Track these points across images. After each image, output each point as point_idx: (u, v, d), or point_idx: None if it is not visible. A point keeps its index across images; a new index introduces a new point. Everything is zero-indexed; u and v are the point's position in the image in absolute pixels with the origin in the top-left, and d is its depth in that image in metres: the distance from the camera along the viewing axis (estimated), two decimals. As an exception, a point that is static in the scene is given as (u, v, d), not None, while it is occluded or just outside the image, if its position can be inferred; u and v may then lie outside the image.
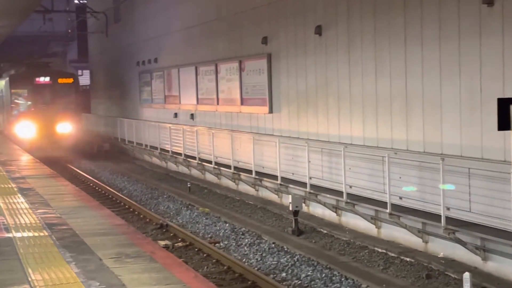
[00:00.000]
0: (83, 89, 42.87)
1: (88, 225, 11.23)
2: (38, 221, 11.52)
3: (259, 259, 14.15)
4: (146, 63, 31.54)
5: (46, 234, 10.48)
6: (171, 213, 19.52)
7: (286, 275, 12.94)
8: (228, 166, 21.35)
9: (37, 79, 32.34)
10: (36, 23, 41.18)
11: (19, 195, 14.51)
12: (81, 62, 48.08)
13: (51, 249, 9.44)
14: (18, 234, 10.51)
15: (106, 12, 35.00)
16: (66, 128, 32.13)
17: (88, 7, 37.53)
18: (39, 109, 32.08)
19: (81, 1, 42.96)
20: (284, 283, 12.36)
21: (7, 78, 33.50)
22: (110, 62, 38.94)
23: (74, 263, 8.63)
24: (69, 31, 44.02)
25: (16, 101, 32.86)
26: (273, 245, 15.04)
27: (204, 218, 18.29)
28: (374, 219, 14.96)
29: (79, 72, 48.86)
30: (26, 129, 31.55)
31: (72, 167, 30.10)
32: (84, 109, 37.14)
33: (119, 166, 30.89)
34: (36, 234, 10.51)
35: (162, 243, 15.40)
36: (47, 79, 32.53)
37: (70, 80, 33.08)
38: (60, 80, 32.67)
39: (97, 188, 24.46)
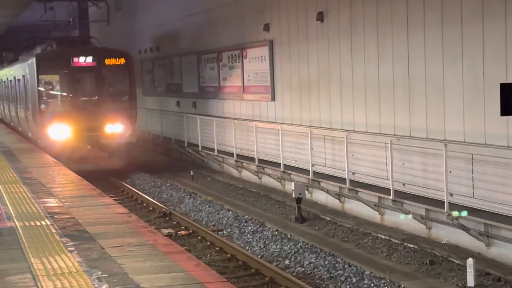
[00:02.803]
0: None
1: (90, 214, 11.21)
2: (40, 210, 11.51)
3: (262, 246, 14.15)
4: (148, 51, 31.46)
5: (48, 223, 10.46)
6: (174, 201, 19.51)
7: (290, 262, 12.94)
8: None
9: (75, 59, 23.08)
10: (38, 13, 41.09)
11: (21, 184, 14.50)
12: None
13: (53, 238, 9.43)
14: (21, 223, 10.50)
15: (107, 0, 34.90)
16: (118, 129, 23.25)
17: (89, -4, 37.39)
18: (79, 103, 23.23)
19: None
20: (287, 270, 12.36)
21: (33, 59, 23.64)
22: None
23: (76, 252, 8.61)
24: (71, 20, 43.88)
25: (46, 91, 23.52)
26: (276, 233, 15.03)
27: (207, 206, 18.27)
28: (377, 206, 14.94)
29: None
30: (60, 132, 22.62)
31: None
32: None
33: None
34: (38, 223, 10.50)
35: (165, 231, 15.41)
36: (90, 59, 23.22)
37: (121, 61, 23.67)
38: (107, 61, 23.45)
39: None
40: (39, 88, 23.12)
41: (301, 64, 18.37)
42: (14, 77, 28.92)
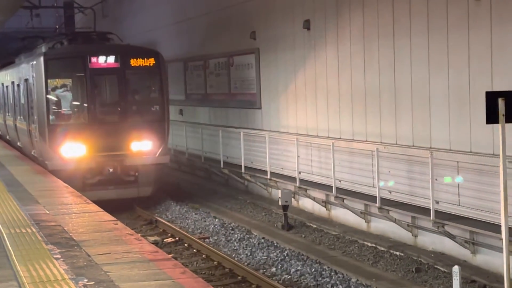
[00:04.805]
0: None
1: (77, 221, 11.17)
2: (26, 218, 11.45)
3: (248, 254, 14.15)
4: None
5: (34, 230, 10.41)
6: (160, 209, 19.44)
7: (276, 270, 12.94)
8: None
9: (93, 59, 18.72)
10: (24, 19, 40.96)
11: (7, 192, 14.42)
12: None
13: (40, 246, 9.38)
14: (6, 231, 10.44)
15: (93, 7, 34.84)
16: (147, 147, 18.89)
17: (75, 3, 37.30)
18: (98, 114, 18.90)
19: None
20: (274, 278, 12.35)
21: (40, 59, 19.03)
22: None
23: (62, 259, 8.56)
24: (56, 27, 43.76)
25: (56, 100, 19.15)
26: (262, 240, 15.03)
27: (194, 214, 18.24)
28: (364, 213, 14.97)
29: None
30: (74, 151, 18.33)
31: None
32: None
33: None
34: (24, 230, 10.44)
35: (151, 239, 15.38)
36: (111, 59, 18.88)
37: (151, 62, 19.23)
38: (133, 62, 19.05)
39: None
40: (48, 96, 18.69)
41: (288, 71, 18.41)
42: (12, 82, 24.49)
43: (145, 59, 19.16)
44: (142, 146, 18.75)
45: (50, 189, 15.00)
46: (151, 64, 19.19)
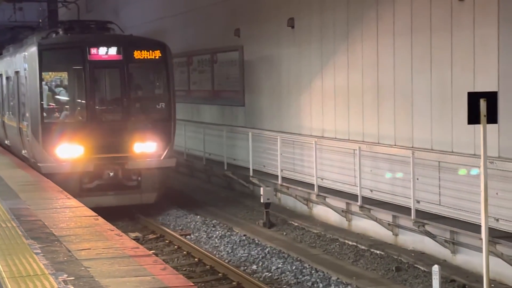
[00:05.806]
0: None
1: (57, 216, 11.11)
2: (6, 212, 11.38)
3: (230, 251, 14.15)
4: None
5: (15, 225, 10.35)
6: (142, 205, 19.37)
7: (257, 267, 12.95)
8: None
9: (92, 51, 16.89)
10: (7, 13, 40.72)
11: (-13, 186, 14.34)
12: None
13: (20, 241, 9.32)
14: (-14, 225, 10.38)
15: (77, 2, 34.70)
16: (151, 149, 17.15)
17: (59, -3, 37.14)
18: (98, 111, 17.13)
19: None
20: (254, 275, 12.36)
21: (33, 49, 17.20)
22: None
23: (42, 254, 8.52)
24: (40, 21, 43.52)
25: (51, 95, 17.53)
26: (244, 238, 15.03)
27: (175, 210, 18.21)
28: (345, 212, 15.01)
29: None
30: (71, 152, 16.61)
31: None
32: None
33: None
34: (3, 225, 10.38)
35: (133, 235, 15.34)
36: (113, 51, 17.11)
37: (156, 54, 17.39)
38: (137, 54, 17.23)
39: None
40: (42, 91, 16.83)
41: (272, 69, 18.41)
42: (0, 75, 22.90)
43: (150, 51, 17.30)
44: (146, 148, 17.01)
45: (31, 184, 14.91)
46: (157, 57, 17.36)
